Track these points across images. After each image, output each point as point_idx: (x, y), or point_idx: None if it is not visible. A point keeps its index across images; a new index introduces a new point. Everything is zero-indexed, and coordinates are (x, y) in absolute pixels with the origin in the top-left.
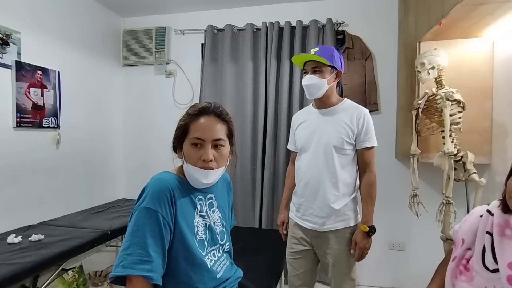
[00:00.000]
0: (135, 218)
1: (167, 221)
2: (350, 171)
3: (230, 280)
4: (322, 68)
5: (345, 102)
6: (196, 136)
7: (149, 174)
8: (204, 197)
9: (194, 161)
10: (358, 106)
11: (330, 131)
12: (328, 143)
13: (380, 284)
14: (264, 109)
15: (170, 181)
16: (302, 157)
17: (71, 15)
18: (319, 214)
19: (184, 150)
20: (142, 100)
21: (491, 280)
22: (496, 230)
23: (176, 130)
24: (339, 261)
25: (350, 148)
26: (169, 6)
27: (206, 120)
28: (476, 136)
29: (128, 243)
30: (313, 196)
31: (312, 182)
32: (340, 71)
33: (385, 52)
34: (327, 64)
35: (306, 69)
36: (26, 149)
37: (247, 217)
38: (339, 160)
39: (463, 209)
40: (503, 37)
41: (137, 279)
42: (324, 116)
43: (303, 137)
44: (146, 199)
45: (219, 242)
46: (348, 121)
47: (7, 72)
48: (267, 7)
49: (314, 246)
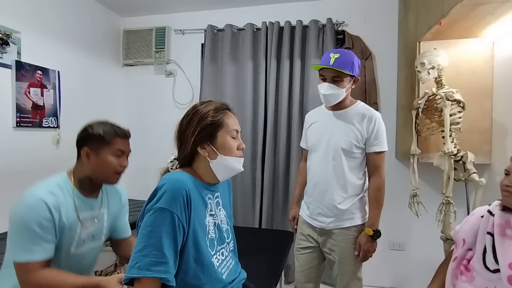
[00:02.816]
0: (151, 218)
1: (182, 222)
2: (358, 173)
3: (235, 281)
4: (342, 78)
5: (357, 105)
6: (235, 128)
7: (149, 174)
8: (212, 196)
9: (234, 152)
10: (370, 110)
11: (340, 133)
12: (337, 146)
13: (380, 284)
14: (264, 109)
15: (186, 182)
16: (312, 157)
17: (71, 15)
18: (327, 214)
19: (220, 144)
20: (142, 100)
21: (492, 281)
22: (497, 230)
23: (207, 126)
24: (345, 258)
25: (359, 151)
26: (169, 6)
27: (232, 114)
28: (476, 136)
29: (143, 244)
30: (321, 197)
31: (320, 183)
32: (358, 78)
33: (385, 52)
34: (347, 73)
35: (324, 76)
36: (26, 149)
37: (247, 217)
38: (348, 163)
39: (463, 209)
40: (503, 37)
41: (147, 281)
42: (335, 118)
43: (314, 137)
44: (162, 199)
45: (226, 241)
46: (358, 125)
47: (7, 72)
48: (267, 7)
49: (321, 244)
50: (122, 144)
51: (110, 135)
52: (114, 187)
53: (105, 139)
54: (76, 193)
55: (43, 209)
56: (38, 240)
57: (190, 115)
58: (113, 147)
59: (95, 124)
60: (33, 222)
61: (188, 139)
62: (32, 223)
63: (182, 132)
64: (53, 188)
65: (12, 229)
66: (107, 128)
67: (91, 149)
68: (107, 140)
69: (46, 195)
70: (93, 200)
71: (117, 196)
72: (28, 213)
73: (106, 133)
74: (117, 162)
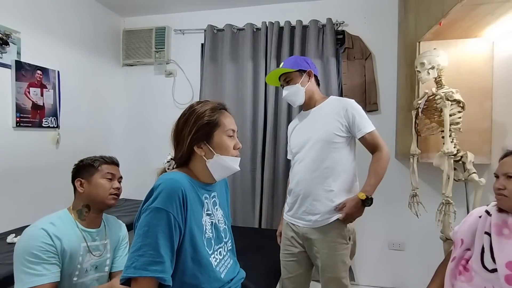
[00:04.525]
0: (147, 218)
1: (178, 222)
2: (343, 165)
3: (234, 280)
4: (291, 76)
5: (329, 99)
6: (232, 128)
7: (149, 174)
8: (209, 196)
9: (230, 151)
10: (341, 99)
11: (318, 128)
12: (319, 138)
13: (380, 284)
14: (264, 109)
15: (182, 181)
16: (296, 157)
17: (71, 14)
18: (312, 211)
19: (216, 143)
20: (142, 100)
21: (490, 280)
22: (494, 230)
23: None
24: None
25: (341, 141)
26: (169, 6)
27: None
28: (476, 136)
29: (139, 244)
30: (305, 194)
31: (304, 179)
32: (310, 71)
33: (385, 52)
34: (292, 71)
35: (282, 84)
36: (26, 149)
37: (247, 217)
38: (331, 154)
39: (463, 209)
40: (503, 37)
41: (144, 280)
42: (311, 115)
43: (296, 139)
44: (158, 199)
45: (223, 240)
46: (336, 115)
47: (7, 72)
48: (267, 7)
49: (306, 248)
50: (111, 168)
51: (98, 162)
52: (115, 220)
53: (93, 166)
54: (77, 224)
55: (43, 236)
56: (44, 264)
57: (186, 114)
58: (103, 172)
59: (84, 158)
60: (36, 248)
61: (184, 139)
62: (35, 249)
63: (178, 131)
64: (54, 220)
65: (17, 261)
66: (95, 158)
67: (83, 178)
68: (96, 167)
69: (46, 225)
70: (95, 231)
71: (117, 228)
72: (30, 241)
73: (94, 161)
74: (109, 185)
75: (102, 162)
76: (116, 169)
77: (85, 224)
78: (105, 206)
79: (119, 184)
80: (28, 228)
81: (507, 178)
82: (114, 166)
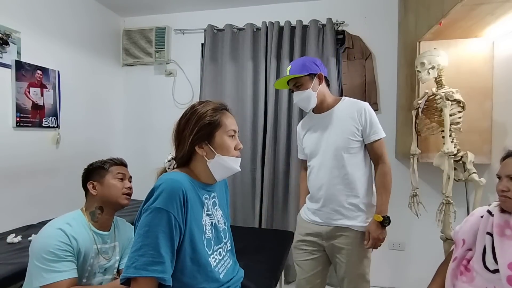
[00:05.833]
0: (147, 218)
1: (178, 222)
2: (361, 169)
3: (233, 280)
4: (301, 81)
5: (343, 101)
6: (233, 128)
7: (149, 173)
8: (209, 196)
9: (231, 151)
10: (357, 102)
11: (335, 133)
12: (334, 145)
13: (380, 284)
14: (264, 109)
15: (183, 182)
16: (312, 162)
17: (71, 14)
18: (333, 216)
19: (218, 143)
20: (142, 100)
21: (492, 281)
22: (496, 230)
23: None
24: (353, 261)
25: (357, 145)
26: (169, 6)
27: (230, 114)
28: (476, 136)
29: (139, 244)
30: (328, 199)
31: (325, 185)
32: (320, 74)
33: (385, 52)
34: (302, 76)
35: (292, 89)
36: (26, 149)
37: (247, 217)
38: (349, 160)
39: (463, 209)
40: (503, 37)
41: (144, 280)
42: (326, 119)
43: (311, 143)
44: (158, 199)
45: (223, 241)
46: (351, 119)
47: (7, 72)
48: (267, 7)
49: (326, 247)
50: (120, 169)
51: (108, 163)
52: (124, 222)
53: (104, 167)
54: (90, 226)
55: (61, 235)
56: (62, 261)
57: (188, 114)
58: (113, 172)
59: (93, 162)
60: (53, 247)
61: (186, 139)
62: (53, 247)
63: (180, 131)
64: (70, 220)
65: (34, 259)
66: (104, 160)
67: (95, 180)
68: (106, 168)
69: (63, 225)
70: (106, 234)
71: (127, 230)
72: (48, 240)
73: (104, 163)
74: (121, 185)
75: (111, 164)
76: (126, 170)
77: (97, 226)
78: (119, 206)
79: (130, 184)
80: (44, 227)
81: (510, 180)
82: (123, 166)
